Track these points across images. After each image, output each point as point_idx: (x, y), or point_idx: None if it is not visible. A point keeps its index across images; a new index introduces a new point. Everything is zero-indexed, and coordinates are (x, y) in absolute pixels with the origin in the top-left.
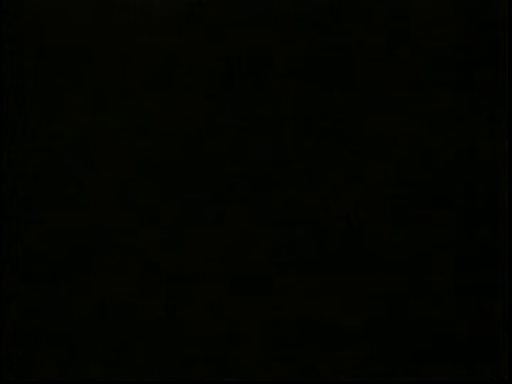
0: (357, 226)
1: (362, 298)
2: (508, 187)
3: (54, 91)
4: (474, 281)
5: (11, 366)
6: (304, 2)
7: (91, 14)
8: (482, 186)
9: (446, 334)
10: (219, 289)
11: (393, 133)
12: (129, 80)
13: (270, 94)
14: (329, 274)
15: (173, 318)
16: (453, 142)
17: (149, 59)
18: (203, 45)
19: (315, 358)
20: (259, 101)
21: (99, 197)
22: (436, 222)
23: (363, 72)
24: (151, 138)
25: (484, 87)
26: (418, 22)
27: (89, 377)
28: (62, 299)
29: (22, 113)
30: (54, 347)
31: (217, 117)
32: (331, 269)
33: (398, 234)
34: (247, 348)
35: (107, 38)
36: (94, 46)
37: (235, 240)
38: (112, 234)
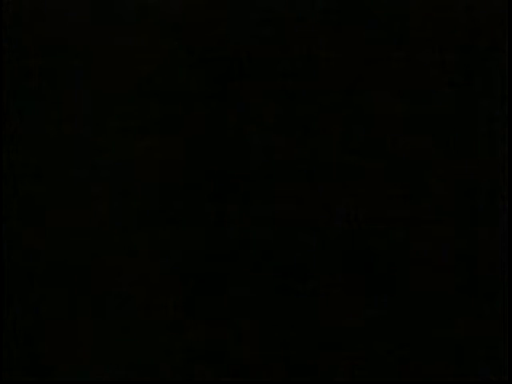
0: (357, 226)
1: (362, 298)
2: (508, 187)
3: (53, 91)
4: (474, 281)
5: (11, 366)
6: (304, 2)
7: (91, 14)
8: (482, 186)
9: (445, 334)
10: (219, 288)
11: (393, 132)
12: (129, 80)
13: (269, 94)
14: (329, 274)
15: (173, 317)
16: (453, 141)
17: (149, 59)
18: (203, 45)
19: (315, 358)
20: (259, 101)
21: (99, 197)
22: (436, 221)
23: (363, 72)
24: (151, 138)
25: (484, 87)
26: (418, 21)
27: (89, 377)
28: (61, 299)
29: (22, 113)
30: (54, 347)
31: (217, 116)
32: (331, 269)
33: (398, 234)
34: (247, 348)
35: (107, 38)
36: (94, 45)
37: (235, 240)
38: (112, 234)
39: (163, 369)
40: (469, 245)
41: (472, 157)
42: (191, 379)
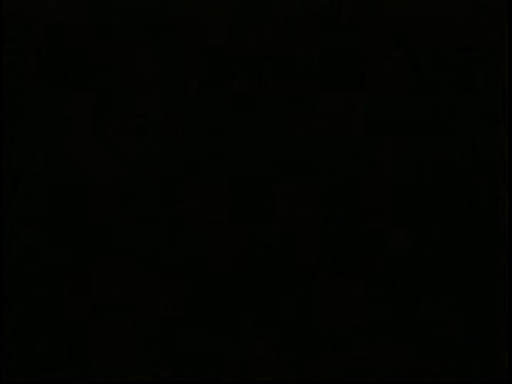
0: (357, 226)
1: (362, 299)
2: (508, 187)
3: (53, 91)
4: (474, 281)
5: (11, 366)
6: (304, 2)
7: (91, 13)
8: (482, 186)
9: (445, 334)
10: (219, 289)
11: (393, 133)
12: (129, 80)
13: (269, 94)
14: (329, 274)
15: (173, 317)
16: (453, 142)
17: (148, 59)
18: (203, 45)
19: (315, 358)
20: (259, 101)
21: (99, 196)
22: (436, 221)
23: (363, 72)
24: (151, 138)
25: (484, 87)
26: (418, 22)
27: (89, 377)
28: (62, 299)
29: (22, 113)
30: (54, 347)
31: (217, 116)
32: (331, 269)
33: (398, 234)
34: (247, 348)
35: (107, 38)
36: (94, 45)
37: (235, 240)
38: (112, 233)
39: (163, 369)
40: (469, 245)
41: (472, 157)
42: (191, 379)
